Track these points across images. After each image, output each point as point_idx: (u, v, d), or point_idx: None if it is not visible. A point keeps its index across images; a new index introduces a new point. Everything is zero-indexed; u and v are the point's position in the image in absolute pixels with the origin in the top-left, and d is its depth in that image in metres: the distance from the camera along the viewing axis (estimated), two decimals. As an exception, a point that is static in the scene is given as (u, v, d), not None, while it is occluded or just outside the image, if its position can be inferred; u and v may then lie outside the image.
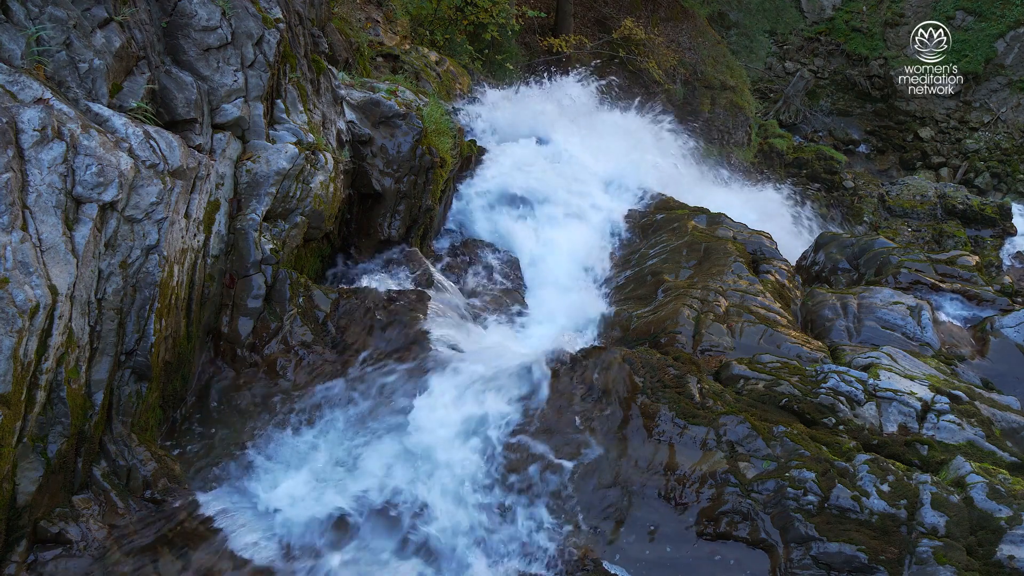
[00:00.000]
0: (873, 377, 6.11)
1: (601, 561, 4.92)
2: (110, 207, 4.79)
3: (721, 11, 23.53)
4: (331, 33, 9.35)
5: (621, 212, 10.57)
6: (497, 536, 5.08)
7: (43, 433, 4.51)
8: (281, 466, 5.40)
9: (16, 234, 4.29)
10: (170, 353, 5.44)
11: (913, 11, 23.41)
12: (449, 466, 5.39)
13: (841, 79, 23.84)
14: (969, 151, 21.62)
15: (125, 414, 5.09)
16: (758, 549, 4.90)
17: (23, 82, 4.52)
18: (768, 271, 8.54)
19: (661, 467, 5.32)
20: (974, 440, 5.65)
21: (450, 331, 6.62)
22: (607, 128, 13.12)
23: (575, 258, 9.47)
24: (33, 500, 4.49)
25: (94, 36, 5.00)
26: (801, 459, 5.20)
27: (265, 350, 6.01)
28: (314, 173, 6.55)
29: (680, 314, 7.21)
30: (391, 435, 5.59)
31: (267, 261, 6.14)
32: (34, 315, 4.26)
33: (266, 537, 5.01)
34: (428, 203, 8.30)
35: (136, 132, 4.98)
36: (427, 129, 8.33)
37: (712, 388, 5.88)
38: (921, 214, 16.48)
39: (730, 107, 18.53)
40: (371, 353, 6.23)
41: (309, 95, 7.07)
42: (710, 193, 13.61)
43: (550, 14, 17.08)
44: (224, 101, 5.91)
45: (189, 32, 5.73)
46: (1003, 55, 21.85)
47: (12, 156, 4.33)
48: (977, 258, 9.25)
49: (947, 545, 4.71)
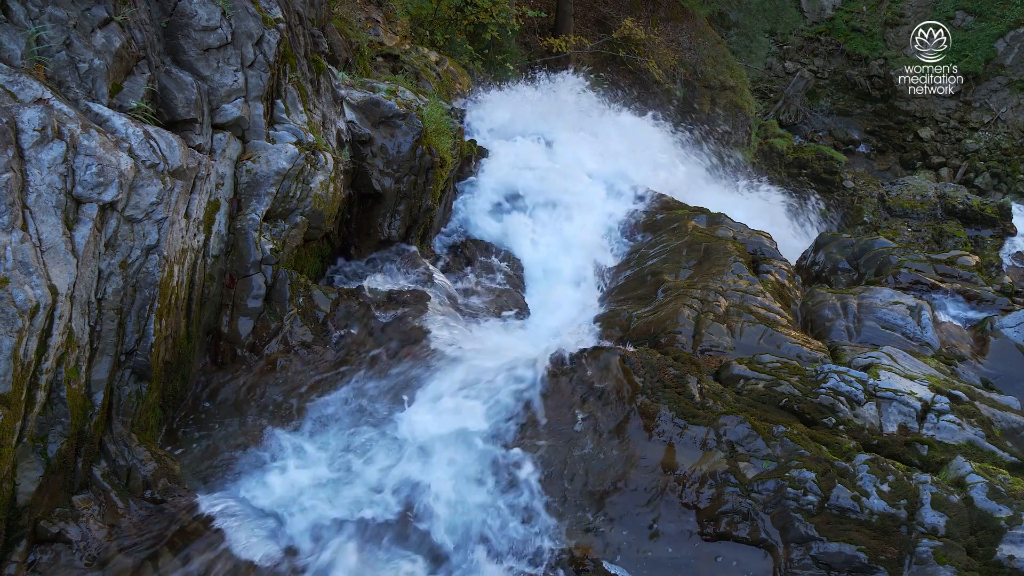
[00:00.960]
0: (873, 377, 6.11)
1: (601, 561, 4.92)
2: (110, 207, 4.79)
3: (721, 11, 23.53)
4: (331, 33, 9.34)
5: (621, 212, 10.58)
6: (497, 535, 5.08)
7: (43, 433, 4.51)
8: (281, 466, 5.40)
9: (16, 234, 4.29)
10: (170, 353, 5.44)
11: (913, 11, 23.42)
12: (449, 466, 5.39)
13: (841, 79, 23.85)
14: (969, 151, 21.63)
15: (125, 414, 5.09)
16: (758, 549, 4.90)
17: (23, 82, 4.52)
18: (768, 271, 8.55)
19: (661, 467, 5.32)
20: (974, 440, 5.65)
21: (450, 331, 6.63)
22: (607, 128, 13.13)
23: (575, 258, 9.48)
24: (33, 500, 4.49)
25: (94, 36, 5.00)
26: (801, 459, 5.20)
27: (265, 350, 6.01)
28: (314, 173, 6.55)
29: (680, 314, 7.21)
30: (391, 435, 5.60)
31: (267, 261, 6.14)
32: (34, 315, 4.26)
33: (266, 537, 5.01)
34: (428, 203, 8.30)
35: (136, 132, 4.98)
36: (427, 129, 8.33)
37: (712, 388, 5.88)
38: (921, 214, 16.48)
39: (730, 107, 18.54)
40: (371, 353, 6.24)
41: (309, 95, 7.07)
42: (710, 193, 13.62)
43: (550, 14, 17.08)
44: (224, 101, 5.91)
45: (189, 32, 5.73)
46: (1003, 55, 21.86)
47: (12, 156, 4.32)
48: (977, 258, 9.25)
49: (947, 545, 4.71)
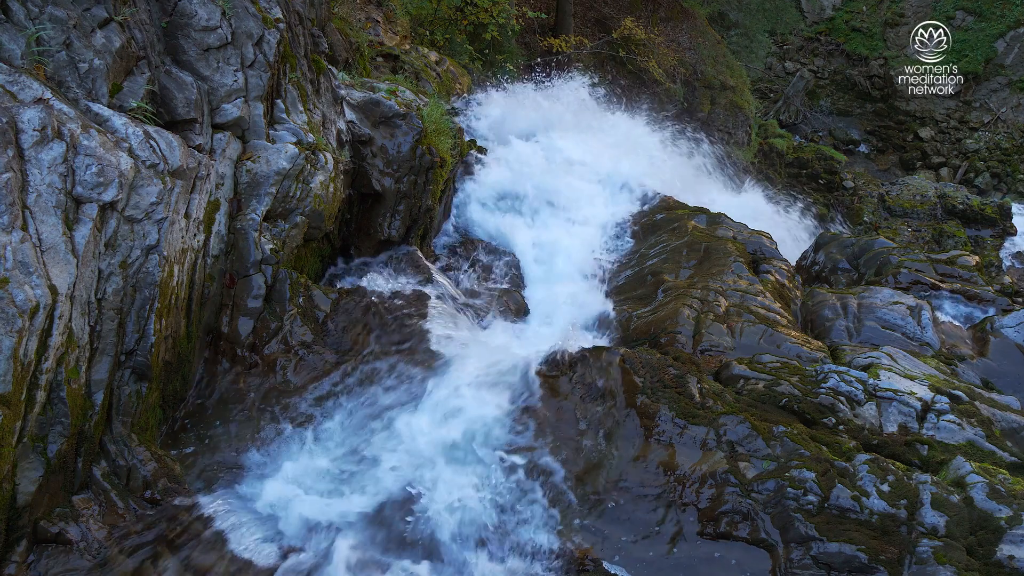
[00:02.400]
0: (873, 377, 6.11)
1: (601, 561, 4.92)
2: (110, 207, 4.79)
3: (721, 11, 23.54)
4: (331, 33, 9.34)
5: (621, 212, 10.57)
6: (497, 536, 5.08)
7: (43, 433, 4.51)
8: (281, 466, 5.40)
9: (16, 234, 4.29)
10: (170, 353, 5.44)
11: (913, 11, 23.42)
12: (448, 466, 5.39)
13: (841, 79, 23.85)
14: (969, 151, 21.63)
15: (125, 414, 5.09)
16: (758, 549, 4.90)
17: (23, 82, 4.52)
18: (768, 271, 8.54)
19: (661, 467, 5.32)
20: (974, 440, 5.65)
21: (450, 331, 6.62)
22: (607, 128, 13.12)
23: (575, 258, 9.47)
24: (33, 500, 4.49)
25: (94, 36, 5.00)
26: (801, 459, 5.20)
27: (265, 350, 6.01)
28: (314, 173, 6.55)
29: (680, 314, 7.21)
30: (391, 435, 5.60)
31: (267, 261, 6.14)
32: (34, 315, 4.26)
33: (266, 537, 5.01)
34: (428, 203, 8.30)
35: (136, 132, 4.98)
36: (427, 129, 8.33)
37: (712, 388, 5.88)
38: (921, 214, 16.48)
39: (730, 107, 18.54)
40: (371, 353, 6.24)
41: (309, 95, 7.07)
42: (710, 193, 13.62)
43: (550, 14, 17.08)
44: (224, 101, 5.91)
45: (189, 32, 5.73)
46: (1003, 55, 21.86)
47: (12, 156, 4.32)
48: (977, 258, 9.25)
49: (947, 545, 4.71)
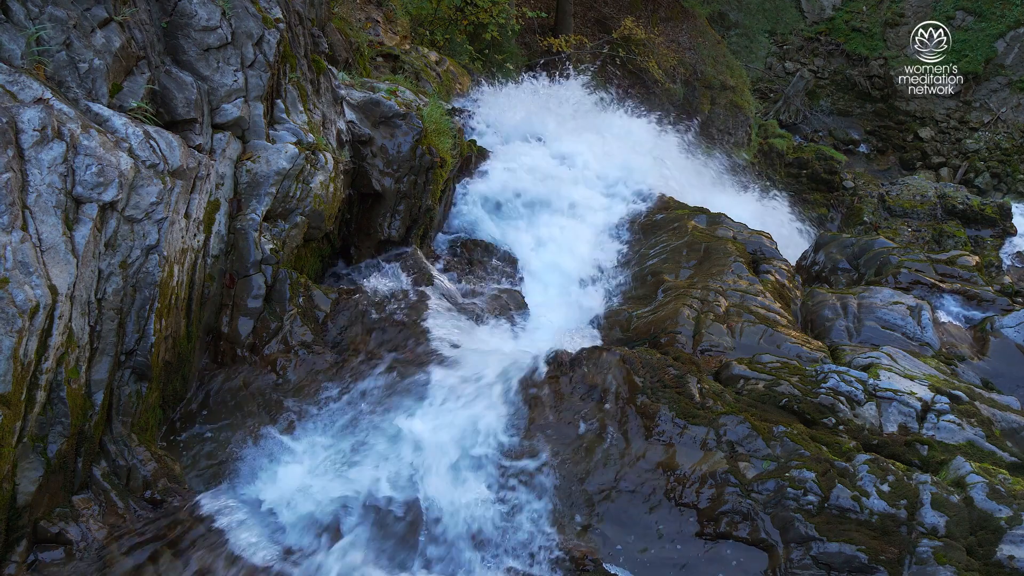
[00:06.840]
0: (873, 377, 6.11)
1: (601, 561, 4.92)
2: (110, 207, 4.79)
3: (721, 11, 23.53)
4: (331, 33, 9.34)
5: (621, 212, 10.56)
6: (497, 536, 5.08)
7: (43, 433, 4.51)
8: (281, 466, 5.40)
9: (16, 234, 4.29)
10: (170, 353, 5.44)
11: (913, 11, 23.42)
12: (448, 466, 5.39)
13: (841, 79, 23.85)
14: (969, 151, 21.63)
15: (125, 414, 5.10)
16: (758, 549, 4.90)
17: (23, 82, 4.52)
18: (768, 271, 8.54)
19: (661, 467, 5.32)
20: (974, 440, 5.65)
21: (449, 331, 6.62)
22: (607, 128, 13.12)
23: (575, 258, 9.47)
24: (33, 500, 4.49)
25: (94, 36, 5.00)
26: (801, 459, 5.20)
27: (265, 350, 6.01)
28: (314, 173, 6.55)
29: (680, 314, 7.21)
30: (390, 435, 5.59)
31: (267, 261, 6.14)
32: (34, 315, 4.26)
33: (266, 537, 5.01)
34: (428, 203, 8.30)
35: (136, 132, 4.98)
36: (427, 129, 8.33)
37: (712, 388, 5.88)
38: (921, 214, 16.48)
39: (730, 107, 18.53)
40: (371, 353, 6.24)
41: (309, 95, 7.07)
42: (710, 194, 13.61)
43: (550, 14, 17.09)
44: (224, 101, 5.91)
45: (189, 32, 5.73)
46: (1003, 55, 21.86)
47: (12, 156, 4.32)
48: (977, 258, 9.25)
49: (947, 545, 4.71)
